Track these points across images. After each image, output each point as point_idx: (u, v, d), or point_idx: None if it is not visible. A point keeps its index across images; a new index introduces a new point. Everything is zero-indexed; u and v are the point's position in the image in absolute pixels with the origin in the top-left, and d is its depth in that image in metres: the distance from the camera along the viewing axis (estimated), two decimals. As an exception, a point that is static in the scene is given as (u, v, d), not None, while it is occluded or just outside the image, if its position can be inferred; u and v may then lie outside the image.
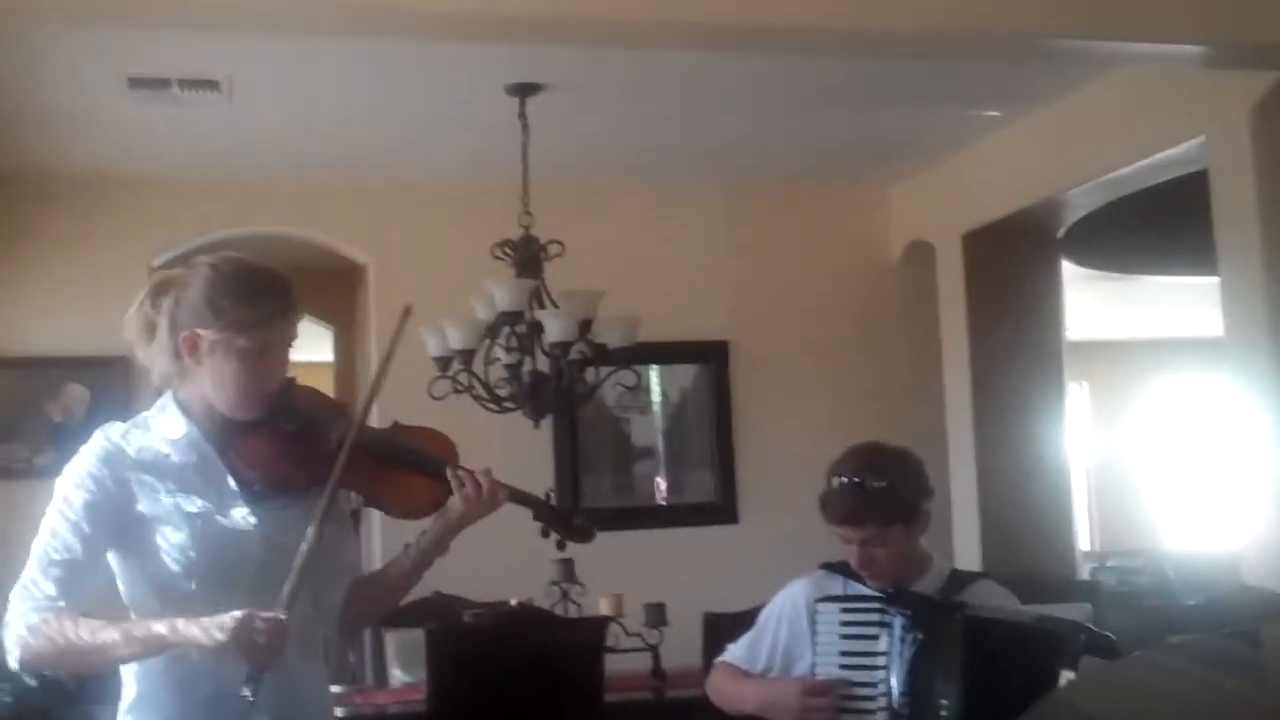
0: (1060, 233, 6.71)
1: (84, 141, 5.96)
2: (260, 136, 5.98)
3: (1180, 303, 10.39)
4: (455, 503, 2.63)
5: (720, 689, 3.48)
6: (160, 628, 2.43)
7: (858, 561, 3.23)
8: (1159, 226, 6.79)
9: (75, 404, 6.29)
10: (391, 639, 5.39)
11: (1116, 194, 6.05)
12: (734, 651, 3.51)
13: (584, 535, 2.87)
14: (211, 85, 5.25)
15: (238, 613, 2.37)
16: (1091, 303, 9.17)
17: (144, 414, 2.65)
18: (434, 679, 4.26)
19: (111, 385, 6.30)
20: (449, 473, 2.64)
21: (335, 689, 5.15)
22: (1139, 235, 7.08)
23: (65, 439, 6.17)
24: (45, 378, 6.31)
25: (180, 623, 2.40)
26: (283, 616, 2.39)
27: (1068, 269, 7.06)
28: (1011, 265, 6.69)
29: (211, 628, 2.37)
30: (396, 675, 5.37)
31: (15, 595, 2.47)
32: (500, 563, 4.95)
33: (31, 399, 6.28)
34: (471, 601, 5.10)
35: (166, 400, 2.63)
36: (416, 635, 4.56)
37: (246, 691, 2.39)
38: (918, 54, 4.93)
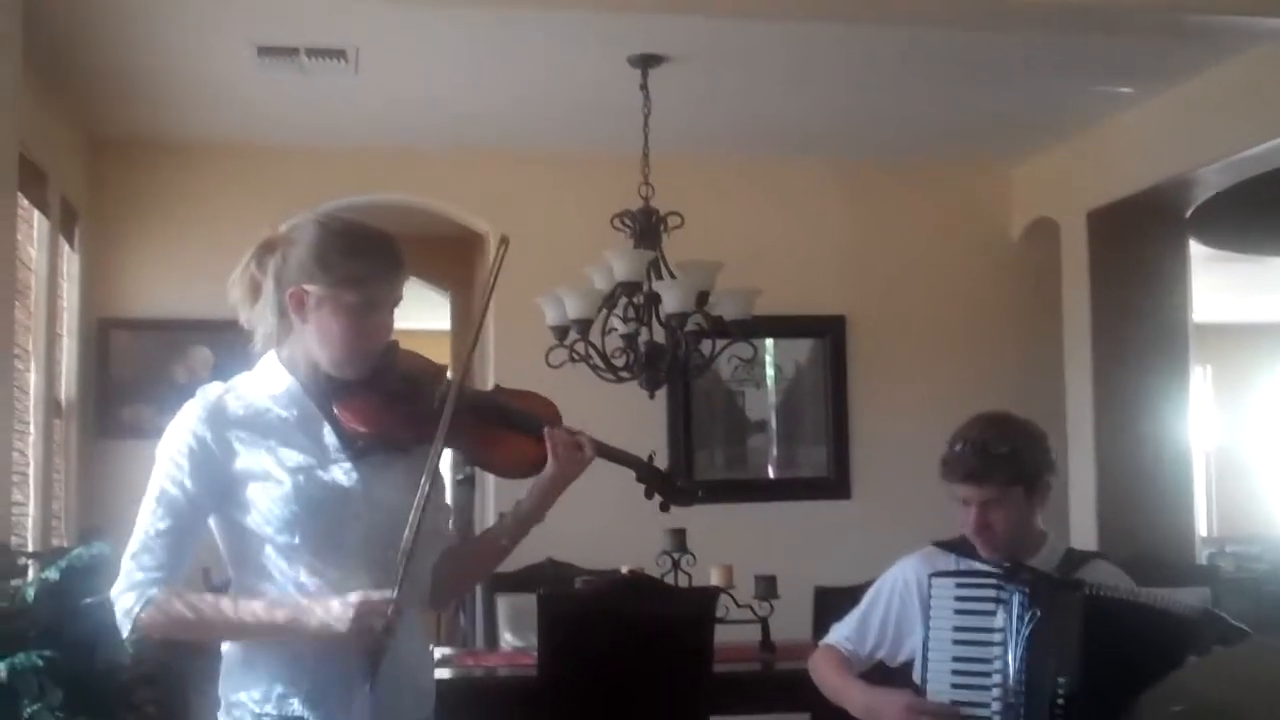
0: (1188, 212, 6.58)
1: (213, 109, 6.07)
2: (385, 106, 6.04)
3: (1309, 286, 10.18)
4: (549, 462, 2.61)
5: (823, 677, 3.46)
6: (285, 613, 2.45)
7: (975, 525, 3.20)
8: (1289, 207, 6.64)
9: (200, 366, 6.42)
10: (503, 603, 5.45)
11: (1247, 173, 5.92)
12: (840, 631, 3.49)
13: (686, 496, 2.83)
14: (339, 55, 5.32)
15: (352, 599, 2.40)
16: (1216, 284, 8.98)
17: (244, 374, 2.64)
18: (545, 643, 4.28)
19: (235, 348, 6.32)
20: (545, 431, 2.62)
21: (446, 650, 5.24)
22: (1268, 216, 6.92)
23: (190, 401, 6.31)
24: (171, 340, 6.44)
25: (299, 612, 2.43)
26: (393, 596, 2.40)
27: (1194, 249, 6.92)
28: (1137, 244, 6.57)
29: (330, 620, 2.40)
30: (507, 639, 5.43)
31: (126, 563, 2.50)
32: (612, 532, 4.99)
33: (158, 361, 6.41)
34: (583, 569, 5.13)
35: (269, 359, 2.62)
36: (528, 600, 4.59)
37: (367, 685, 2.43)
38: (1058, 27, 4.86)
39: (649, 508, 2.87)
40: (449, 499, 2.86)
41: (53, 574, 4.62)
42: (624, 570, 4.95)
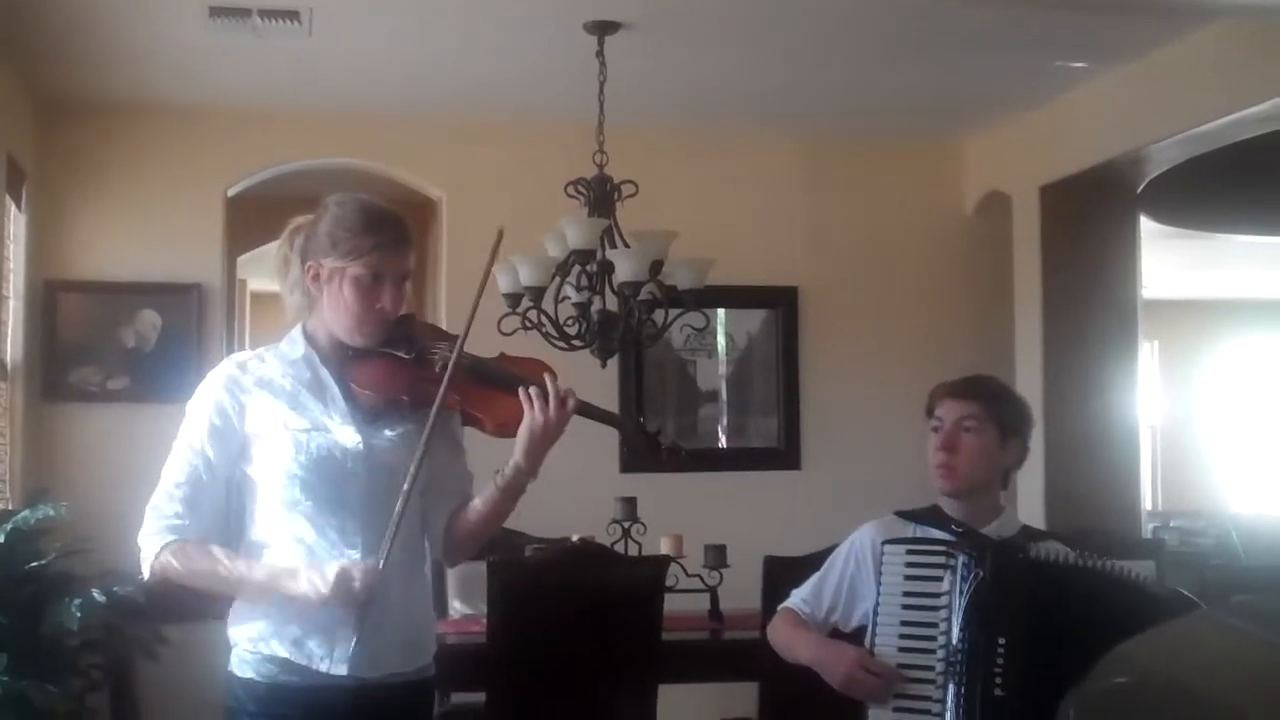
0: (1140, 188, 6.62)
1: (163, 70, 6.00)
2: (338, 69, 5.99)
3: (1256, 264, 10.26)
4: (526, 414, 2.78)
5: (777, 635, 3.50)
6: (264, 576, 2.73)
7: (941, 442, 3.27)
8: (1241, 185, 6.69)
9: (148, 330, 6.36)
10: (452, 571, 5.43)
11: (1199, 150, 5.95)
12: (798, 595, 3.53)
13: (673, 456, 2.97)
14: (292, 16, 5.26)
15: (334, 566, 2.66)
16: (1165, 261, 9.06)
17: (271, 345, 2.91)
18: (495, 611, 4.29)
19: (184, 311, 6.38)
20: (520, 390, 2.78)
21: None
22: (1220, 193, 6.97)
23: (137, 364, 6.27)
24: (120, 303, 6.37)
25: (286, 574, 2.70)
26: (380, 564, 2.65)
27: (1145, 225, 6.96)
28: (1089, 219, 6.60)
29: (316, 581, 2.65)
30: (456, 607, 5.42)
31: (148, 513, 2.76)
32: (563, 500, 4.97)
33: (106, 324, 6.35)
34: (533, 537, 5.13)
35: (295, 331, 2.89)
36: (477, 568, 4.59)
37: (352, 642, 2.66)
38: (1014, 2, 4.88)
39: (600, 476, 2.92)
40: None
41: (-2, 537, 4.58)
42: (574, 539, 4.96)
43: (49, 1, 5.17)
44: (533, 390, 2.77)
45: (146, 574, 2.76)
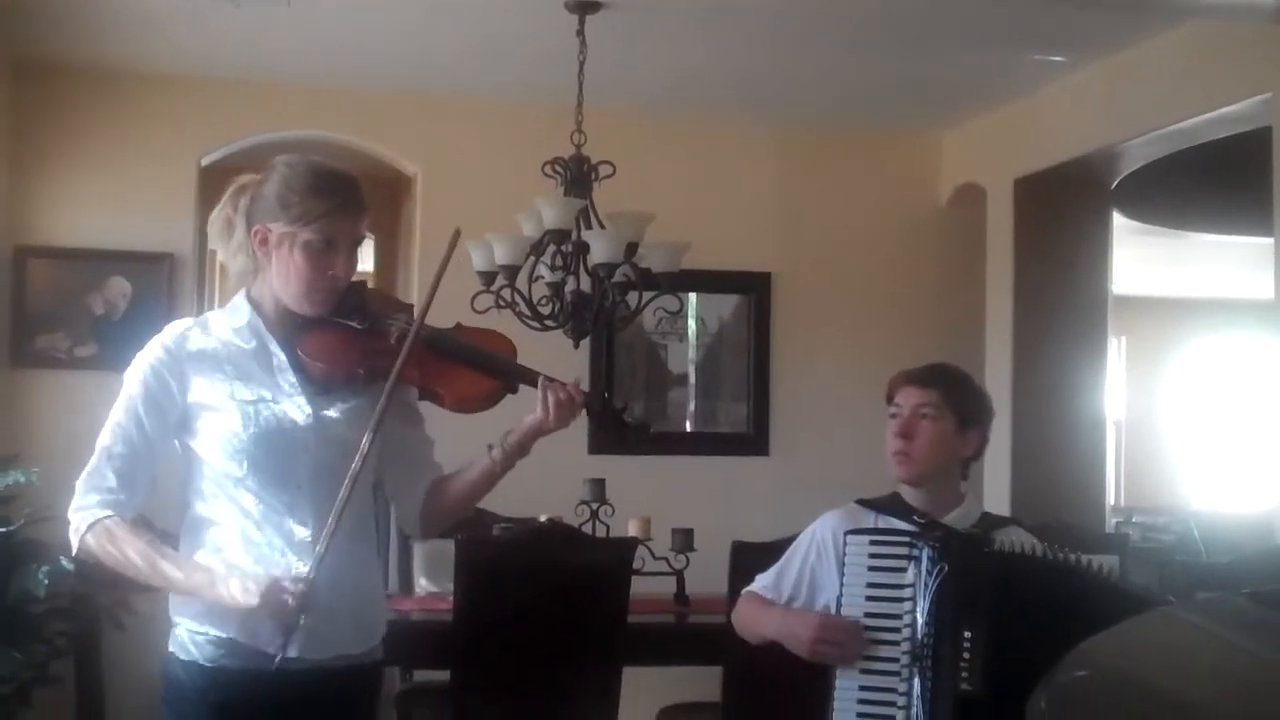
0: (1114, 184, 6.64)
1: (141, 37, 5.95)
2: (317, 42, 5.96)
3: (1226, 263, 10.31)
4: (539, 409, 2.72)
5: (742, 616, 3.52)
6: (199, 578, 2.57)
7: (899, 429, 3.28)
8: (1215, 183, 6.72)
9: (117, 297, 6.33)
10: (419, 548, 5.44)
11: (1174, 147, 5.98)
12: (761, 581, 3.54)
13: (638, 433, 2.92)
14: (271, -14, 5.24)
15: (264, 577, 2.53)
16: (1134, 257, 9.10)
17: (210, 312, 2.78)
18: (461, 589, 4.29)
19: (155, 280, 6.34)
20: (540, 382, 2.72)
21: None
22: (1194, 191, 7.01)
23: (106, 332, 6.23)
24: (89, 270, 6.33)
25: (218, 578, 2.55)
26: (310, 577, 2.52)
27: (1117, 221, 7.00)
28: (1062, 213, 6.63)
29: (244, 591, 2.51)
30: (422, 584, 5.43)
31: (80, 484, 2.61)
32: (531, 480, 4.96)
33: (75, 290, 6.30)
34: (501, 516, 5.14)
35: (239, 297, 2.73)
36: (444, 546, 4.59)
37: (276, 654, 2.53)
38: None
39: (569, 456, 2.92)
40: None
41: (-36, 503, 4.56)
42: (542, 519, 4.96)
43: (27, -36, 5.13)
44: (549, 393, 2.70)
45: (75, 548, 2.62)
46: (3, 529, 4.81)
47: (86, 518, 2.57)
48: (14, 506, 5.00)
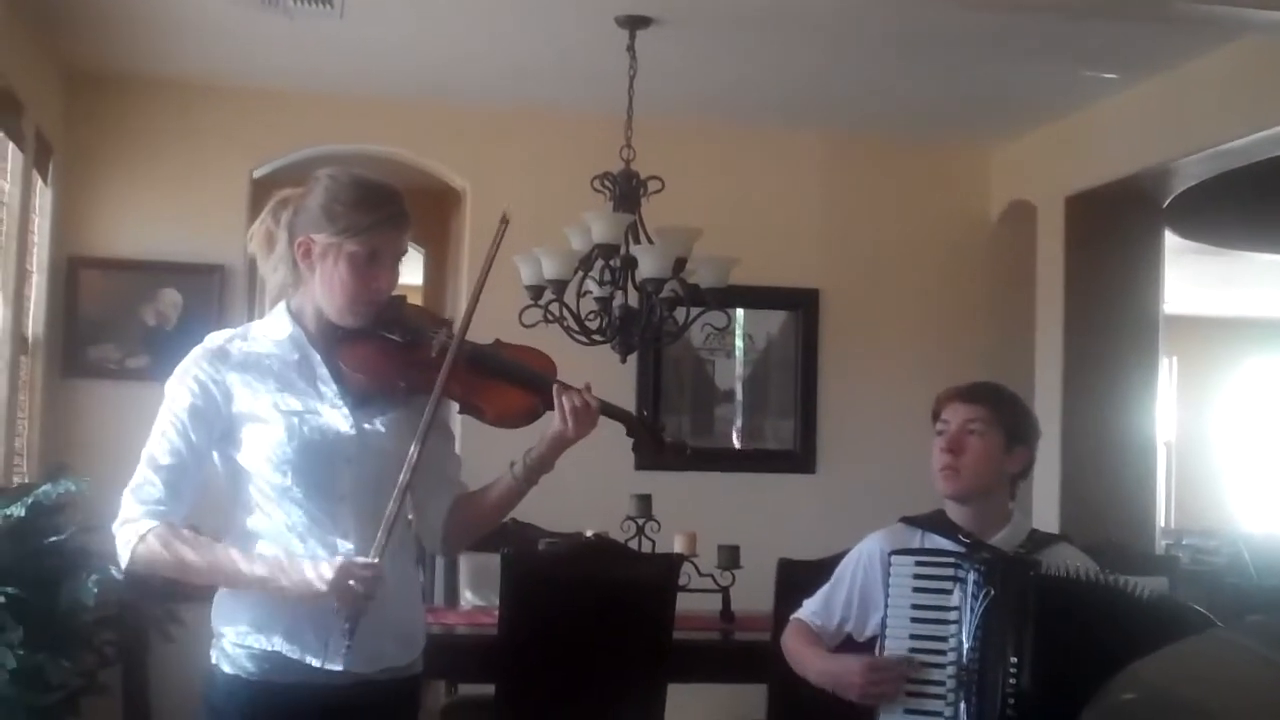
0: (1166, 202, 6.59)
1: (194, 49, 6.01)
2: (368, 54, 6.00)
3: (1278, 283, 10.22)
4: (557, 418, 2.69)
5: (790, 649, 3.48)
6: (266, 569, 2.55)
7: (946, 444, 3.25)
8: (1267, 202, 6.66)
9: (169, 309, 6.38)
10: (465, 562, 5.45)
11: (1227, 166, 5.93)
12: (809, 607, 3.50)
13: (675, 452, 2.91)
14: (326, 0, 5.27)
15: (337, 559, 2.52)
16: (1185, 277, 9.03)
17: (251, 322, 2.78)
18: (507, 603, 4.29)
19: (206, 292, 6.39)
20: (554, 389, 2.70)
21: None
22: (1245, 210, 6.94)
23: (157, 343, 6.28)
24: (141, 281, 6.38)
25: (286, 566, 2.54)
26: (377, 560, 2.51)
27: (1169, 241, 6.94)
28: (1113, 232, 6.58)
29: (314, 576, 2.50)
30: (468, 598, 5.43)
31: (127, 496, 2.60)
32: (577, 495, 4.98)
33: (127, 302, 6.36)
34: (547, 531, 5.14)
35: (279, 308, 2.74)
36: (489, 559, 4.60)
37: (347, 641, 2.52)
38: (1048, 7, 4.86)
39: (616, 472, 2.91)
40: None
41: (18, 510, 4.59)
42: (588, 534, 4.96)
43: (83, -22, 5.19)
44: (564, 398, 2.68)
45: (125, 562, 2.59)
46: (54, 538, 4.84)
47: (137, 529, 2.56)
48: (65, 515, 5.04)
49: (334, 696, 2.59)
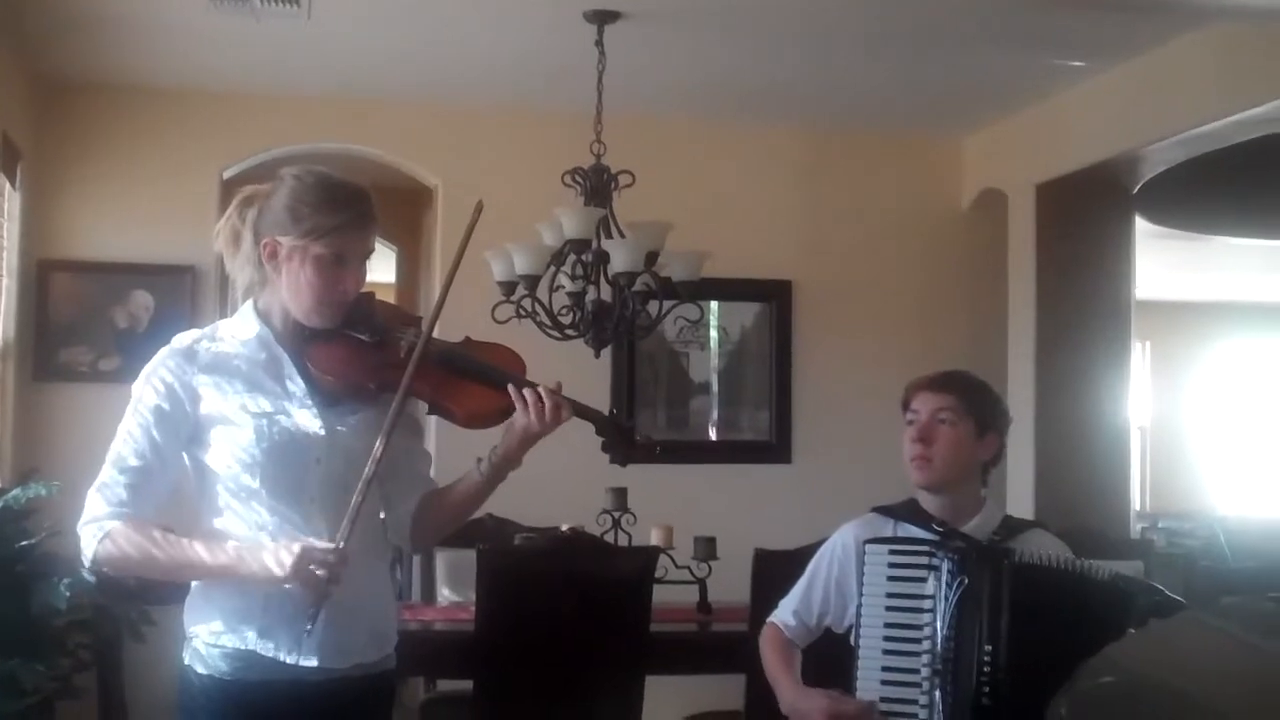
0: (1136, 188, 6.62)
1: (162, 50, 5.98)
2: (336, 54, 5.98)
3: (1249, 267, 10.28)
4: (519, 416, 2.67)
5: (765, 660, 3.49)
6: (227, 557, 2.54)
7: (917, 434, 3.27)
8: (1237, 187, 6.69)
9: (140, 311, 6.36)
10: (441, 558, 5.44)
11: (1196, 151, 5.95)
12: (785, 608, 3.51)
13: (645, 451, 2.90)
14: (293, 1, 5.25)
15: (296, 545, 2.50)
16: (1157, 262, 9.06)
17: (219, 322, 2.75)
18: (484, 598, 4.28)
19: (177, 294, 6.37)
20: (511, 389, 2.67)
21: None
22: (1215, 195, 6.97)
23: (129, 345, 6.25)
24: (112, 284, 6.37)
25: (246, 554, 2.53)
26: (341, 545, 2.50)
27: (1140, 226, 6.96)
28: (1084, 218, 6.61)
29: (273, 562, 2.49)
30: (445, 594, 5.43)
31: (91, 497, 2.58)
32: (553, 489, 4.98)
33: (98, 304, 6.34)
34: (523, 525, 5.13)
35: (245, 308, 2.72)
36: (466, 555, 4.59)
37: (308, 626, 2.51)
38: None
39: (590, 466, 2.89)
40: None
41: (-12, 515, 4.57)
42: (564, 528, 4.96)
43: (48, -20, 5.16)
44: (526, 393, 2.65)
45: (89, 560, 2.57)
46: (25, 542, 4.82)
47: (100, 529, 2.55)
48: (35, 519, 5.02)
49: (307, 693, 2.59)
